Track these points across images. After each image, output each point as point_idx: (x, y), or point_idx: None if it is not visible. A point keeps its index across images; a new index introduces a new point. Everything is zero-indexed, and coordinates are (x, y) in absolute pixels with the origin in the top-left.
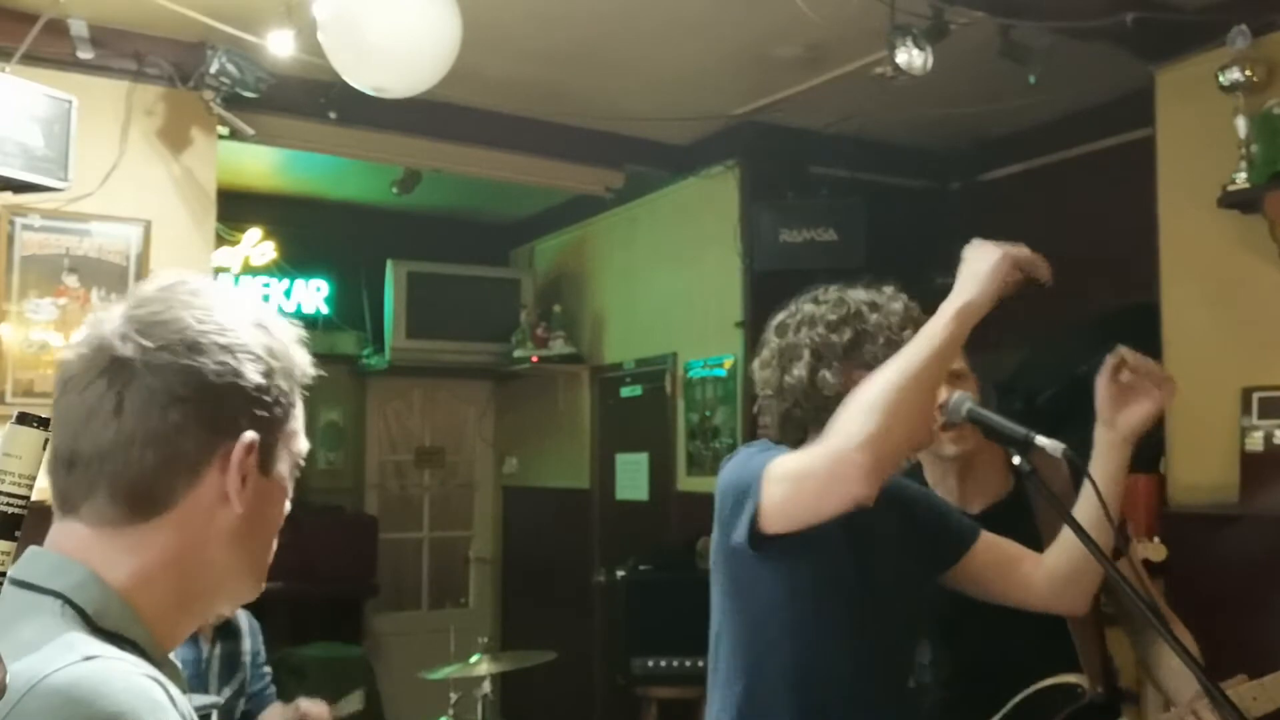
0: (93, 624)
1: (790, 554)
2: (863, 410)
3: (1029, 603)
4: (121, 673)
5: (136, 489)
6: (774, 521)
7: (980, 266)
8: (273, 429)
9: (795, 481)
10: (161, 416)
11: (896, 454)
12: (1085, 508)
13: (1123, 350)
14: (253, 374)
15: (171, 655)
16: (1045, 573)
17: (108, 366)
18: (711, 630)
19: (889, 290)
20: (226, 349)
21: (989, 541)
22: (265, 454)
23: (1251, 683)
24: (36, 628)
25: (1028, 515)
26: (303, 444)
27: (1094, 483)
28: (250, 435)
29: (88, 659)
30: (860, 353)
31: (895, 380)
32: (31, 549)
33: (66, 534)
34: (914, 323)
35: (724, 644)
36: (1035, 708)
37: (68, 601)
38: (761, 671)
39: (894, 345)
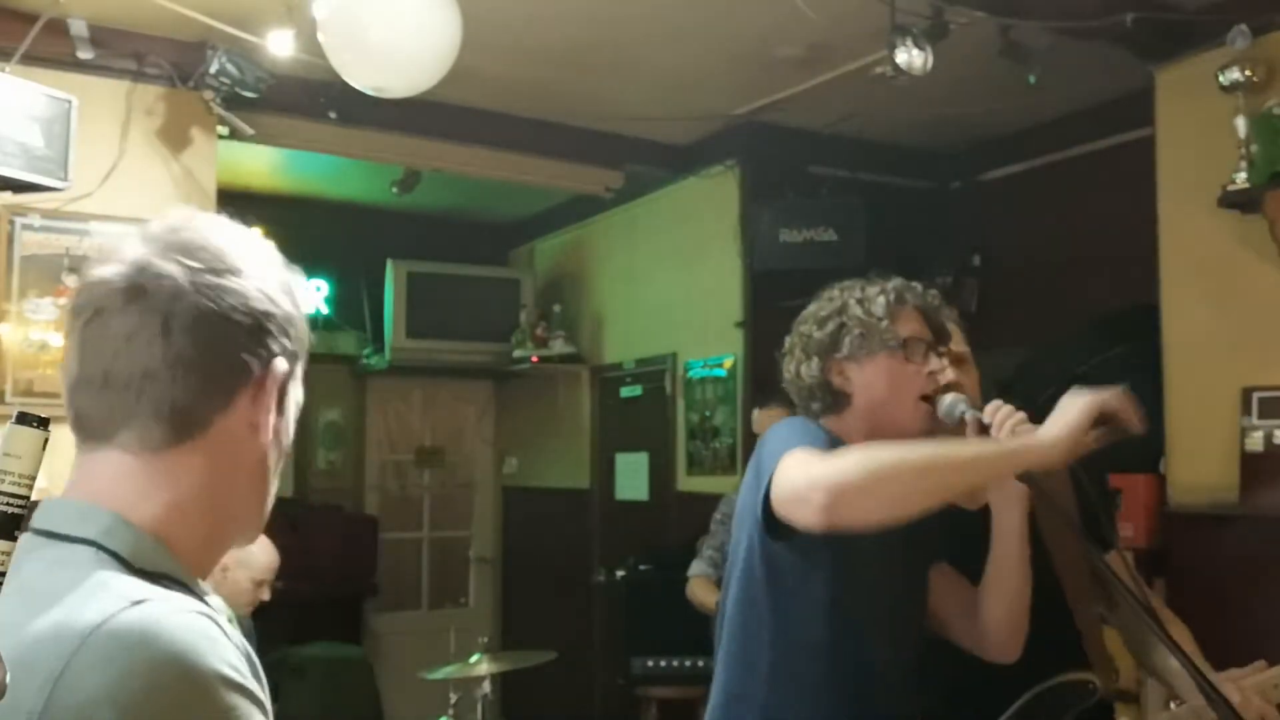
0: (130, 566)
1: (808, 546)
2: (861, 460)
3: (983, 650)
4: (172, 611)
5: (178, 409)
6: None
7: (1066, 415)
8: (291, 366)
9: (782, 485)
10: (208, 336)
11: (863, 514)
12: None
13: None
14: (286, 304)
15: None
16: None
17: (151, 287)
18: (726, 612)
19: (888, 283)
20: (263, 277)
21: (947, 569)
22: (282, 391)
23: (1272, 670)
24: (75, 579)
25: (1029, 520)
26: (301, 393)
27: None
28: (283, 364)
29: (136, 603)
30: (839, 346)
31: (909, 456)
32: (47, 499)
33: (101, 466)
34: (903, 313)
35: (744, 625)
36: (1046, 704)
37: (101, 548)
38: (790, 653)
39: (868, 337)
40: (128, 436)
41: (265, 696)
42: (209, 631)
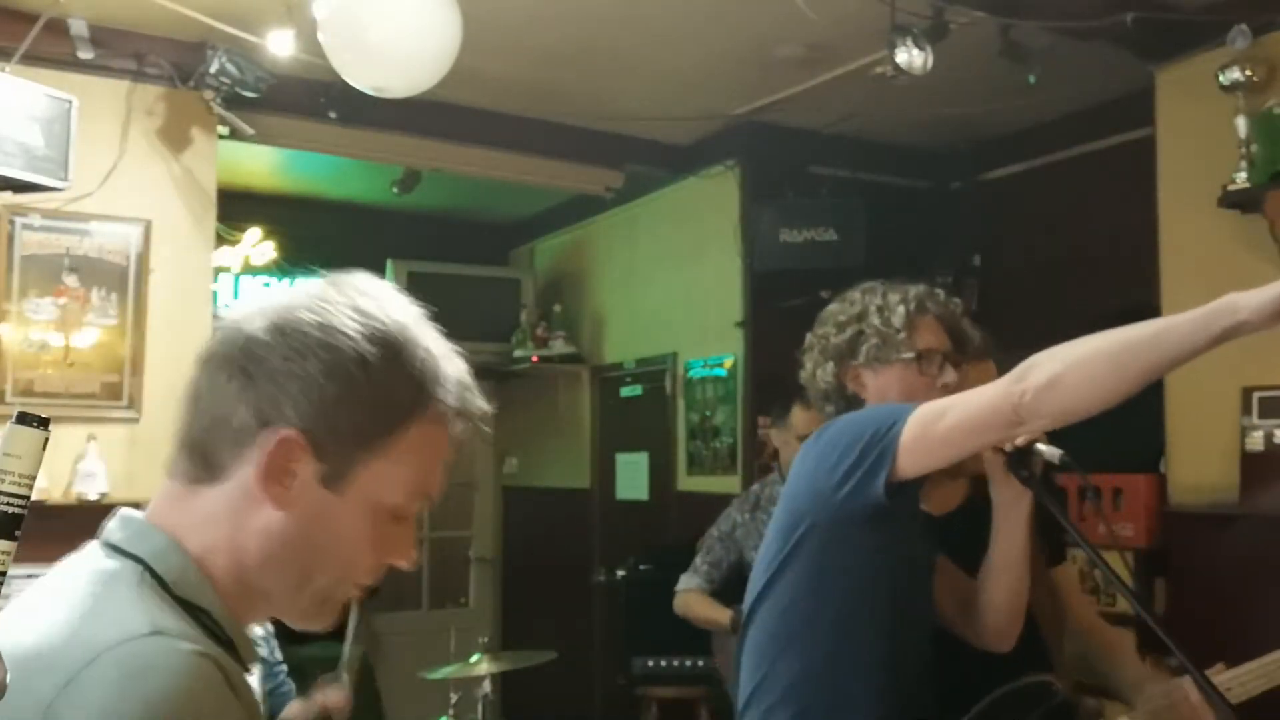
0: (169, 590)
1: (892, 522)
2: (1054, 354)
3: (981, 638)
4: (176, 650)
5: (193, 442)
6: (910, 457)
7: (1272, 286)
8: (348, 440)
9: (957, 409)
10: (225, 380)
11: (1064, 410)
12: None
13: None
14: (317, 371)
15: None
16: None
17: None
18: (760, 609)
19: (909, 290)
20: (313, 338)
21: (947, 562)
22: (334, 465)
23: (1229, 671)
24: (114, 594)
25: (985, 521)
26: (419, 484)
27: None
28: (286, 432)
29: (149, 635)
30: (856, 353)
31: (1102, 340)
32: (122, 511)
33: (162, 495)
34: (922, 322)
35: (783, 621)
36: (1007, 707)
37: (148, 568)
38: (839, 647)
39: (884, 347)
40: (172, 468)
41: None
42: (207, 673)
